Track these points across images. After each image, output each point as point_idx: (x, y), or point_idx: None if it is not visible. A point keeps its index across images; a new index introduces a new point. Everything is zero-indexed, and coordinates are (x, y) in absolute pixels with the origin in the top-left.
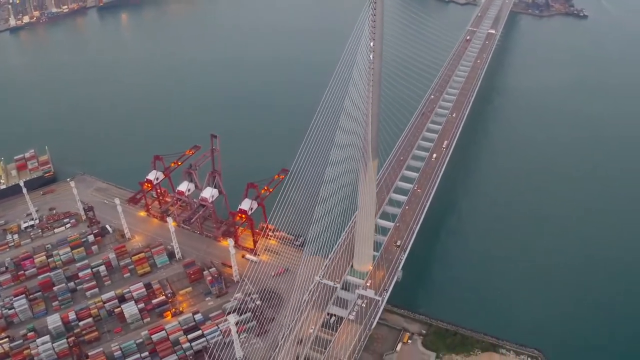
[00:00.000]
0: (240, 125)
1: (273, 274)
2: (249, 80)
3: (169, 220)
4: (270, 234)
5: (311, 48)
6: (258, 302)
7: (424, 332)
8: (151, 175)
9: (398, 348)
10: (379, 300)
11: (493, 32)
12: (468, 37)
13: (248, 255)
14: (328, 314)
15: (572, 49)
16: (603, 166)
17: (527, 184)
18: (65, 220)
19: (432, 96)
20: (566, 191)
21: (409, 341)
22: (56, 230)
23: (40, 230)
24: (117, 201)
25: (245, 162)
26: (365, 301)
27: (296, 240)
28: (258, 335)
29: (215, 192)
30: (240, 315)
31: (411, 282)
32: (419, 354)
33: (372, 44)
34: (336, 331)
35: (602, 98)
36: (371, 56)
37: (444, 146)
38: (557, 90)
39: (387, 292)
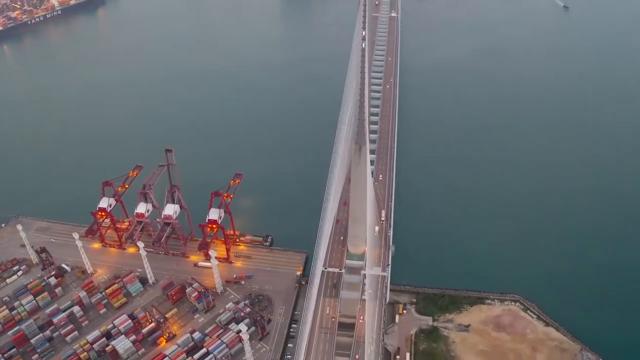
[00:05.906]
0: (178, 138)
1: (235, 276)
2: (162, 93)
3: (140, 245)
4: (237, 239)
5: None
6: (250, 308)
7: (414, 300)
8: (103, 203)
9: (396, 320)
10: (384, 276)
11: (394, 15)
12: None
13: (201, 263)
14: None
15: (460, 22)
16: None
17: (479, 150)
18: (15, 268)
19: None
20: (520, 151)
21: (404, 311)
22: (8, 281)
23: None
24: (75, 236)
25: (193, 175)
26: (365, 280)
27: (265, 241)
28: (261, 339)
29: (177, 207)
30: (239, 323)
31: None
32: (416, 320)
33: (364, 33)
34: (355, 313)
35: (495, 59)
36: (363, 45)
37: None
38: (461, 57)
39: (389, 267)
